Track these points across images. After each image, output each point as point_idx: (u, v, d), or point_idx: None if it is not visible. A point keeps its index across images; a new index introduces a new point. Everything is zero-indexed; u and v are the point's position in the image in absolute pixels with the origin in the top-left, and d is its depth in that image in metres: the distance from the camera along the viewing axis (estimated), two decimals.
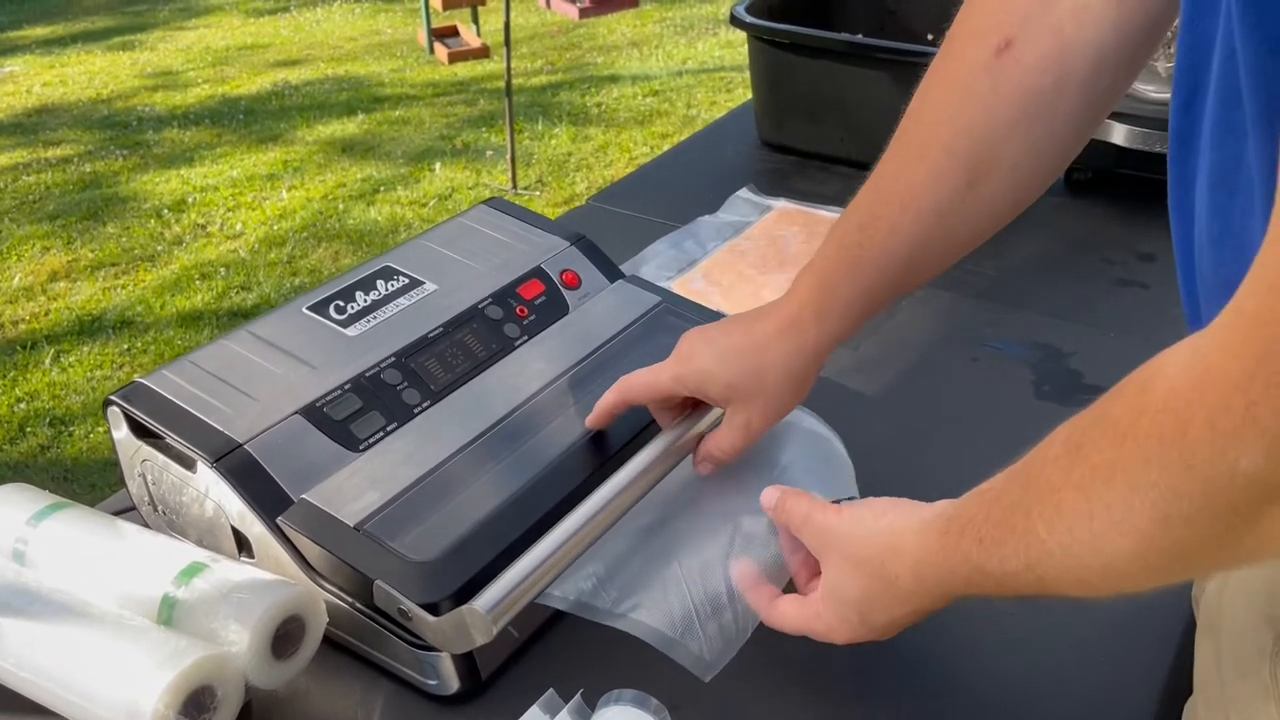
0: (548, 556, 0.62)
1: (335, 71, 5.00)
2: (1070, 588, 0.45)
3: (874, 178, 0.65)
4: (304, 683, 0.65)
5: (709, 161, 1.40)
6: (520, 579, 0.61)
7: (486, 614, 0.59)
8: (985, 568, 0.49)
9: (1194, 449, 0.36)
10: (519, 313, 0.84)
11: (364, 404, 0.73)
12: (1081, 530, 0.41)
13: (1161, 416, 0.38)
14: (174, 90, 4.82)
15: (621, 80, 4.71)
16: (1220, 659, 0.55)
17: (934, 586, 0.54)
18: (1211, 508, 0.37)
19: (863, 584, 0.58)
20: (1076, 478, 0.42)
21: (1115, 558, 0.41)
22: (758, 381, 0.67)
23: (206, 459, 0.68)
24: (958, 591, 0.53)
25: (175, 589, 0.64)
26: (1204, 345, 0.36)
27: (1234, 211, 0.44)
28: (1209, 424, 0.35)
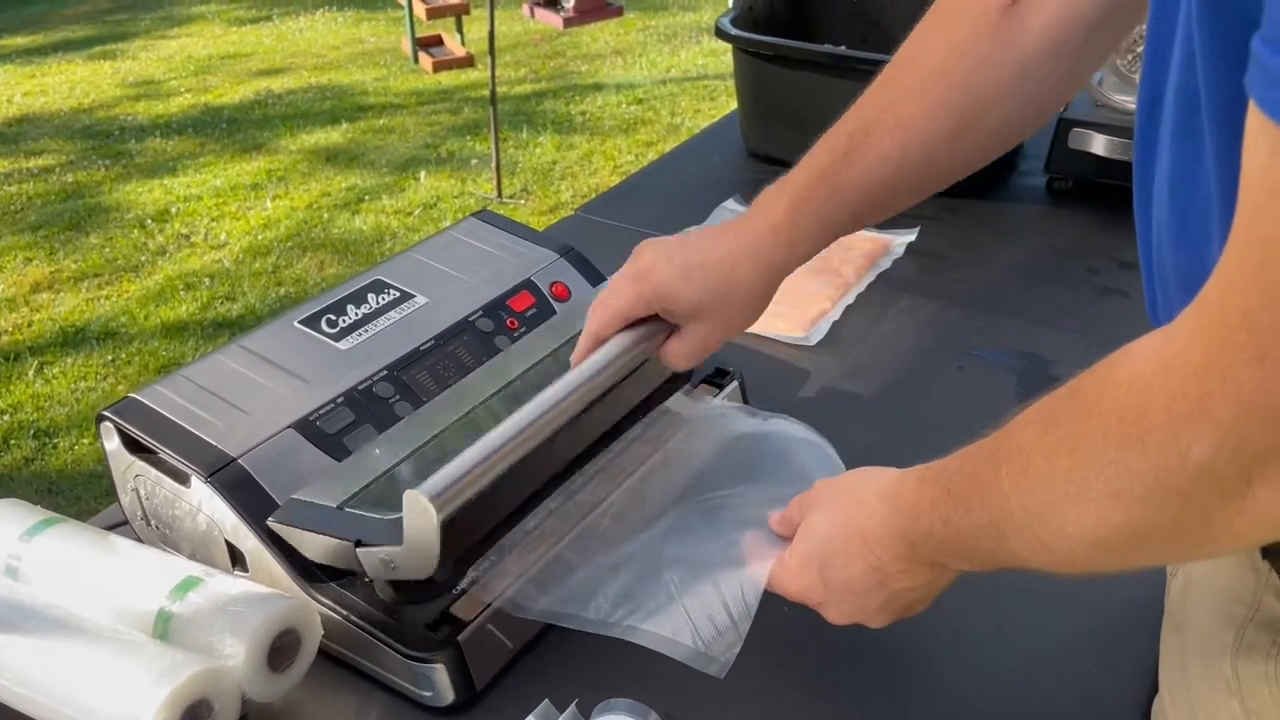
0: (493, 450, 0.61)
1: (319, 80, 4.99)
2: (1030, 551, 0.46)
3: (859, 108, 0.66)
4: (299, 695, 0.66)
5: (695, 172, 1.41)
6: (463, 469, 0.59)
7: (430, 498, 0.57)
8: (951, 518, 0.50)
9: (1150, 431, 0.37)
10: (509, 325, 0.85)
11: (356, 417, 0.74)
12: (1043, 494, 0.43)
13: (1124, 396, 0.39)
14: (156, 99, 4.80)
15: (605, 88, 4.73)
16: (1185, 656, 0.56)
17: (898, 534, 0.54)
18: (1161, 492, 0.38)
19: (834, 519, 0.59)
20: (1045, 445, 0.43)
21: (1070, 525, 0.42)
22: (724, 300, 0.66)
23: (200, 473, 0.68)
24: (919, 546, 0.53)
25: (170, 603, 0.64)
26: (1174, 331, 0.38)
27: (1193, 212, 0.45)
28: (1166, 408, 0.37)
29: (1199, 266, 0.42)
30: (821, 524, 0.60)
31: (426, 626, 0.65)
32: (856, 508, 0.57)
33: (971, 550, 0.50)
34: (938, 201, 1.25)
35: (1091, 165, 1.22)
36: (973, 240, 1.21)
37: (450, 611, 0.66)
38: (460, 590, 0.67)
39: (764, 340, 1.02)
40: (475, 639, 0.65)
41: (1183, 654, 0.57)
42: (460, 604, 0.66)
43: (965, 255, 1.18)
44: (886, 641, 0.70)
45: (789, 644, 0.70)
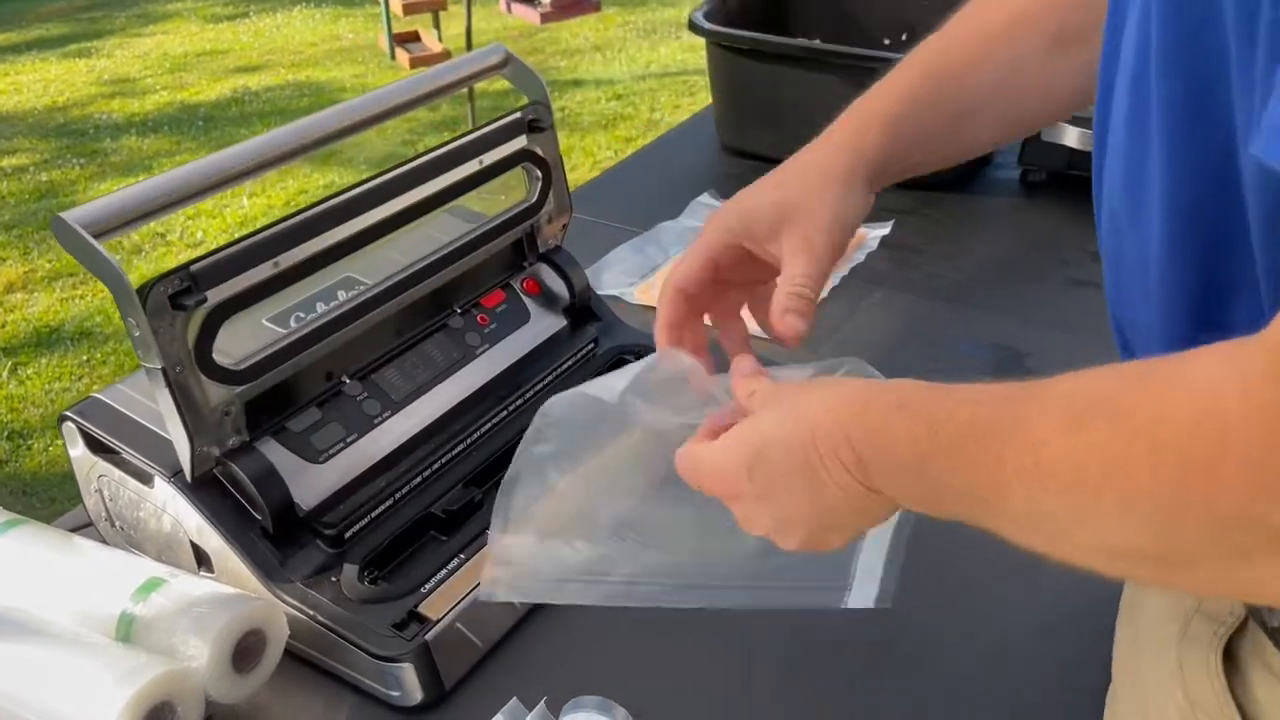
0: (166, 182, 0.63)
1: (295, 77, 4.96)
2: (1018, 534, 0.41)
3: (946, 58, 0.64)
4: (266, 697, 0.65)
5: (671, 167, 1.41)
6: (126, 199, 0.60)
7: (76, 222, 0.58)
8: (928, 467, 0.43)
9: (1220, 489, 0.33)
10: (480, 321, 0.84)
11: (324, 416, 0.73)
12: (1062, 498, 0.38)
13: (1189, 440, 0.33)
14: (131, 97, 4.76)
15: (584, 84, 4.71)
16: (1137, 644, 0.56)
17: (851, 440, 0.45)
18: (1220, 549, 0.34)
19: (785, 413, 0.49)
20: (1072, 446, 0.37)
21: (1088, 538, 0.38)
22: (807, 191, 0.60)
23: (164, 473, 0.67)
24: (871, 466, 0.45)
25: (133, 605, 0.64)
26: (1252, 371, 0.32)
27: (1143, 200, 0.45)
28: (1244, 467, 0.32)
29: (1145, 255, 0.42)
30: (769, 418, 0.50)
31: (394, 626, 0.64)
32: (815, 403, 0.48)
33: (937, 502, 0.44)
34: (911, 194, 1.26)
35: (1064, 157, 1.23)
36: (946, 233, 1.21)
37: (418, 610, 0.65)
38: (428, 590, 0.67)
39: None
40: (443, 638, 0.65)
41: (1135, 642, 0.56)
42: (428, 603, 0.66)
43: (939, 248, 1.18)
44: (853, 635, 0.70)
45: (757, 637, 0.69)
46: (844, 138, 0.63)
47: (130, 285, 0.60)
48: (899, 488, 0.46)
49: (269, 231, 0.67)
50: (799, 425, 0.48)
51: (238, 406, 0.67)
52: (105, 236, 0.60)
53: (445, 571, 0.68)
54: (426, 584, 0.67)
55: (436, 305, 0.83)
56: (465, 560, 0.69)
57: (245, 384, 0.67)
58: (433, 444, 0.76)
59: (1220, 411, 0.33)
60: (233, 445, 0.67)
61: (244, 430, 0.68)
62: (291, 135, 0.71)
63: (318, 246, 0.69)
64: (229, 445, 0.67)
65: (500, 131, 0.82)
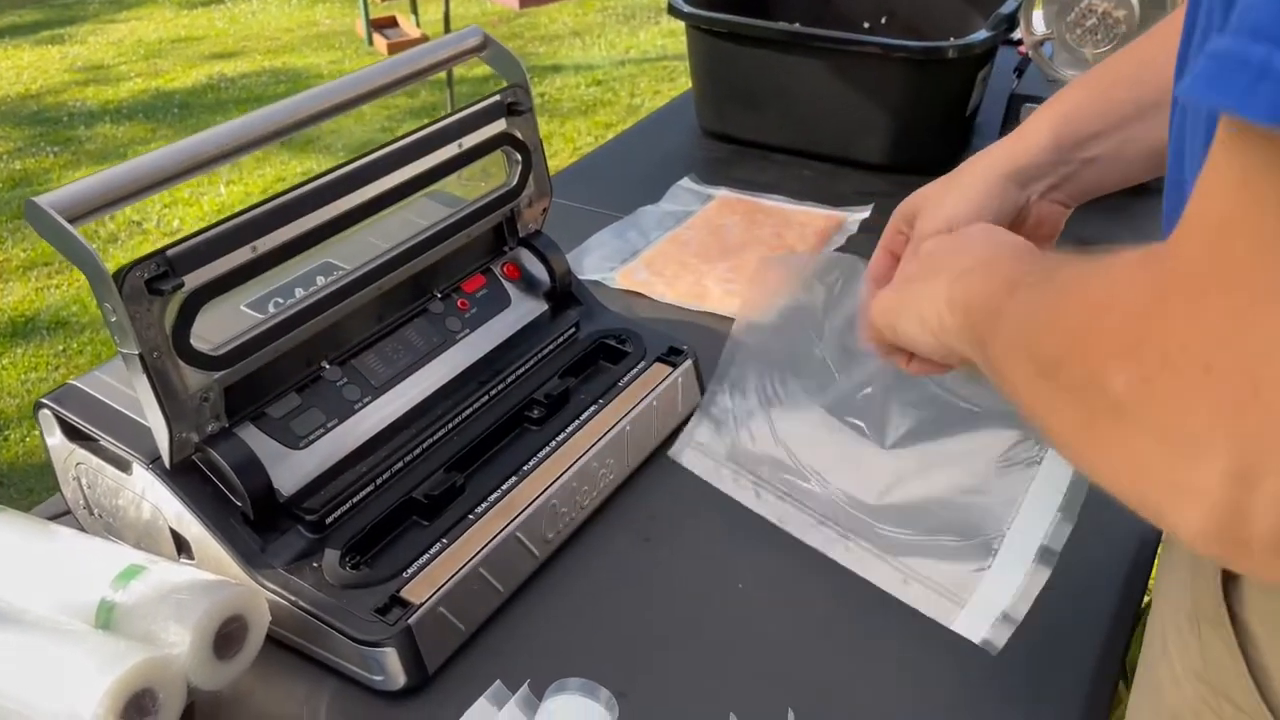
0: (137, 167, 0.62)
1: (272, 64, 4.92)
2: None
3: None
4: (248, 683, 0.65)
5: (650, 151, 1.41)
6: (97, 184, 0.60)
7: (51, 206, 0.57)
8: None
9: (1090, 351, 0.38)
10: (460, 306, 0.84)
11: (303, 401, 0.73)
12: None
13: (1087, 307, 0.40)
14: (105, 85, 4.71)
15: (564, 70, 4.69)
16: (1164, 623, 0.57)
17: (985, 255, 0.54)
18: (1076, 410, 0.39)
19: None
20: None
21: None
22: (958, 186, 0.66)
23: (142, 460, 0.67)
24: (980, 278, 0.52)
25: (113, 592, 0.63)
26: (1155, 274, 0.37)
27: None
28: (1108, 335, 0.37)
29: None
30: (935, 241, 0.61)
31: (376, 610, 0.64)
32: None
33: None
34: (890, 178, 1.26)
35: None
36: None
37: (400, 595, 0.65)
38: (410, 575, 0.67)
39: (717, 318, 1.02)
40: (426, 622, 0.65)
41: (1162, 623, 0.57)
42: (411, 587, 0.66)
43: None
44: (835, 620, 0.70)
45: (738, 622, 0.70)
46: (1013, 135, 0.66)
47: (106, 270, 0.59)
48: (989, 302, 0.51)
49: (247, 215, 0.66)
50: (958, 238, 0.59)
51: (216, 392, 0.66)
52: (80, 221, 0.59)
53: (427, 556, 0.68)
54: (409, 569, 0.67)
55: (416, 290, 0.82)
56: (447, 545, 0.69)
57: (224, 369, 0.66)
58: (414, 429, 0.76)
59: (1115, 295, 0.38)
60: (212, 431, 0.67)
61: (223, 416, 0.68)
62: (268, 118, 0.70)
63: (296, 231, 0.69)
64: (208, 431, 0.67)
65: (479, 115, 0.82)
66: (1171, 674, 0.51)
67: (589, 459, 0.77)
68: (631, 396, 0.83)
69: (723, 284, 1.05)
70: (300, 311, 0.71)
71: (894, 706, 0.64)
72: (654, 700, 0.64)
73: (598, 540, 0.76)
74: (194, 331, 0.64)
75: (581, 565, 0.74)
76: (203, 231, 0.64)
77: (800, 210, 1.19)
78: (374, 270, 0.77)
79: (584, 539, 0.76)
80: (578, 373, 0.85)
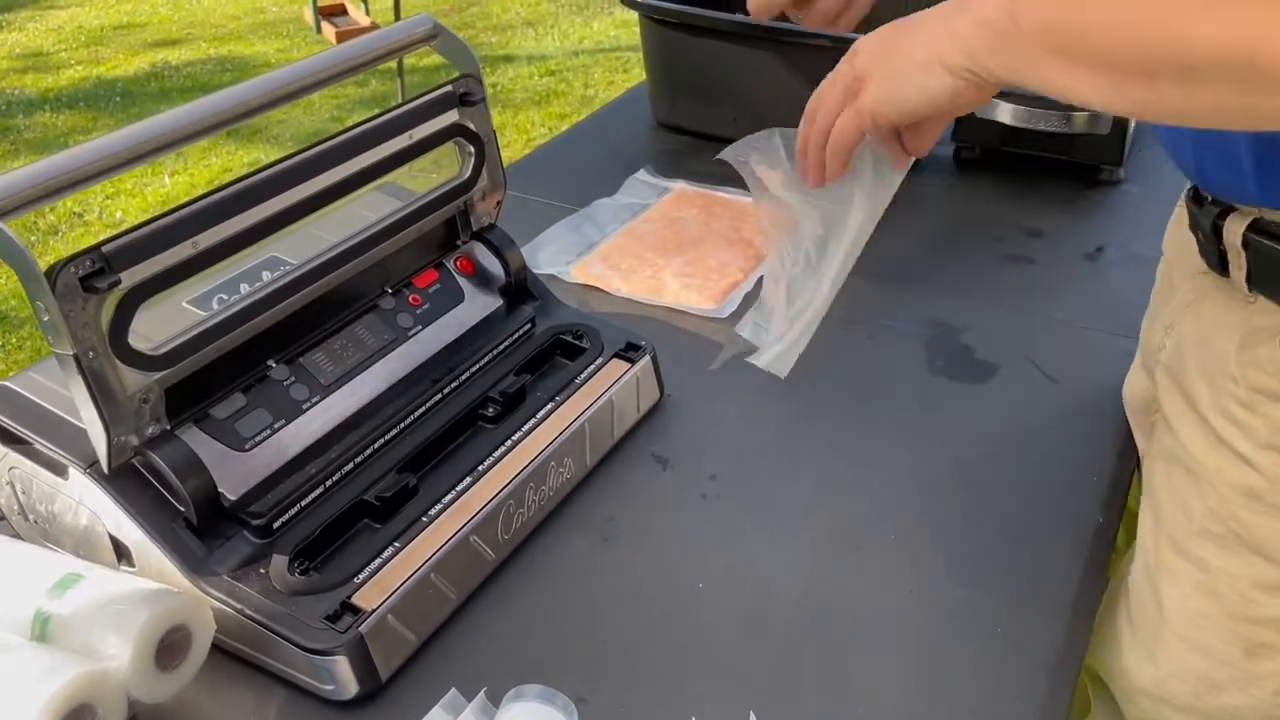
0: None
1: (218, 51, 4.82)
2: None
3: None
4: (193, 694, 0.62)
5: (605, 143, 1.39)
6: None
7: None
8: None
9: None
10: (412, 302, 0.82)
11: (248, 401, 0.70)
12: None
13: None
14: (45, 72, 4.59)
15: (517, 60, 4.66)
16: (1190, 399, 0.70)
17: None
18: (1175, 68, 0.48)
19: None
20: None
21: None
22: None
23: (79, 465, 0.64)
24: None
25: (49, 602, 0.61)
26: None
27: None
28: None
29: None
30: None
31: (326, 618, 0.62)
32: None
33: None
34: None
35: (997, 134, 1.23)
36: None
37: (351, 601, 0.63)
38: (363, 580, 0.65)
39: (675, 313, 1.01)
40: (378, 630, 0.63)
41: (1181, 397, 0.71)
42: (362, 593, 0.64)
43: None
44: (795, 621, 0.69)
45: (698, 624, 0.69)
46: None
47: (37, 267, 0.56)
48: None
49: (187, 209, 0.64)
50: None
51: (157, 393, 0.64)
52: (9, 215, 0.57)
53: (379, 561, 0.66)
54: (360, 574, 0.65)
55: (366, 286, 0.80)
56: (400, 548, 0.67)
57: (164, 370, 0.64)
58: (365, 429, 0.74)
59: None
60: (152, 434, 0.65)
61: (164, 418, 0.65)
62: (213, 107, 0.68)
63: (240, 225, 0.67)
64: (148, 434, 0.64)
65: (430, 105, 0.80)
66: (1232, 458, 0.65)
67: (545, 458, 0.75)
68: (589, 394, 0.81)
69: (680, 278, 1.04)
70: (245, 308, 0.69)
71: (855, 706, 0.63)
72: (614, 705, 0.63)
73: (555, 542, 0.75)
74: (133, 330, 0.62)
75: (539, 567, 0.73)
76: (141, 226, 0.61)
77: None
78: (322, 265, 0.74)
79: (541, 540, 0.75)
80: (533, 369, 0.84)
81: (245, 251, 0.68)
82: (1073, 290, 1.05)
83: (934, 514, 0.78)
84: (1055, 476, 0.81)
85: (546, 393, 0.81)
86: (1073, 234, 1.16)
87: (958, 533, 0.76)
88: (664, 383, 0.88)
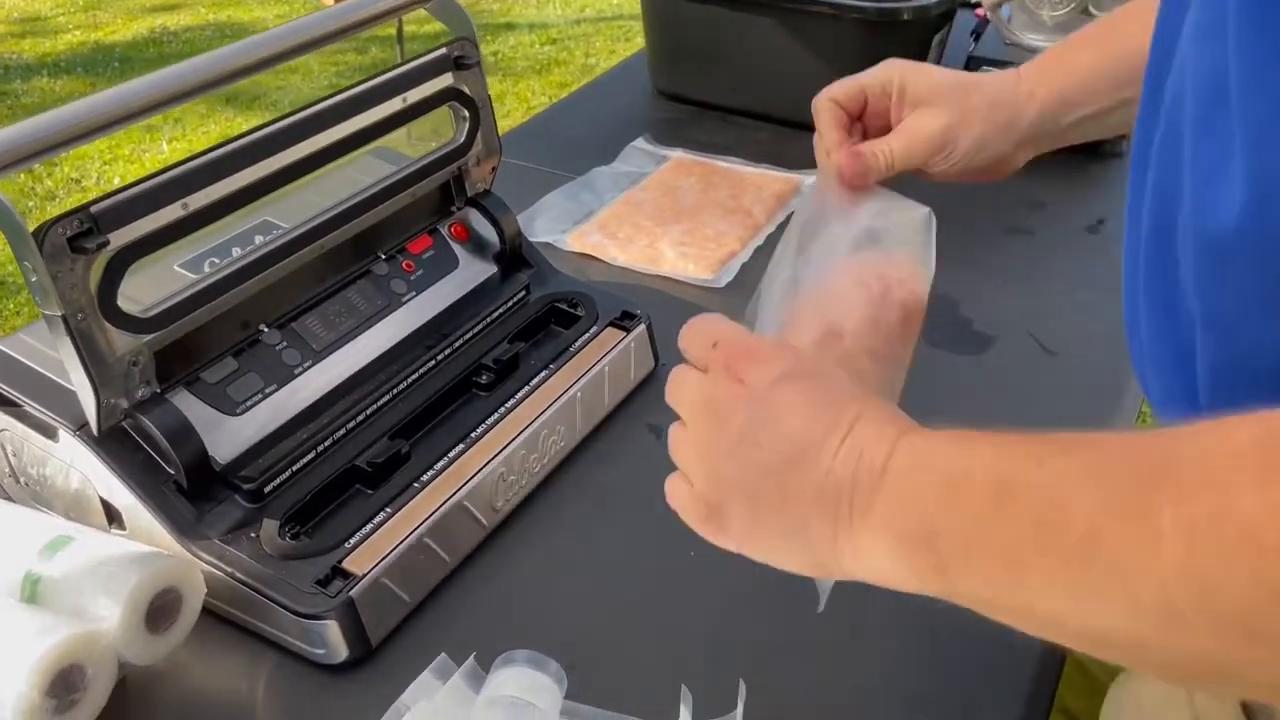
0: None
1: (217, 17, 4.78)
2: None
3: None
4: (183, 657, 0.62)
5: (603, 111, 1.38)
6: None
7: None
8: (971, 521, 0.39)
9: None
10: (406, 268, 0.81)
11: (240, 366, 0.70)
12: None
13: None
14: (42, 37, 4.55)
15: (518, 28, 4.61)
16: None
17: (858, 442, 0.42)
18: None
19: (829, 367, 0.47)
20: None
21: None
22: (961, 93, 0.62)
23: (69, 427, 0.64)
24: (862, 488, 0.42)
25: (39, 564, 0.60)
26: None
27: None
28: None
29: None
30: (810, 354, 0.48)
31: (317, 582, 0.62)
32: (846, 386, 0.45)
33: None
34: None
35: None
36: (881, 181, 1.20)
37: (342, 566, 0.63)
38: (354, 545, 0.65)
39: (671, 282, 1.00)
40: (369, 594, 0.63)
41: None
42: (353, 558, 0.64)
43: None
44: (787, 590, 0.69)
45: (690, 592, 0.69)
46: (1019, 80, 0.63)
47: (25, 227, 0.56)
48: (889, 508, 0.41)
49: (177, 170, 0.63)
50: (825, 394, 0.45)
51: (146, 356, 0.64)
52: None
53: (371, 526, 0.66)
54: (351, 539, 0.65)
55: (360, 250, 0.80)
56: (392, 514, 0.67)
57: (154, 332, 0.63)
58: (357, 395, 0.74)
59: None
60: (142, 397, 0.64)
61: (154, 381, 0.65)
62: (207, 65, 0.67)
63: (232, 187, 0.66)
64: (138, 397, 0.64)
65: (425, 68, 0.79)
66: None
67: (539, 426, 0.75)
68: (583, 362, 0.81)
69: (677, 247, 1.03)
70: (236, 272, 0.69)
71: (845, 676, 0.63)
72: (604, 672, 0.63)
73: (547, 509, 0.75)
74: (122, 292, 0.61)
75: (531, 535, 0.73)
76: (130, 186, 0.61)
77: (756, 173, 1.17)
78: (315, 229, 0.74)
79: (533, 508, 0.75)
80: (528, 337, 0.83)
81: (237, 215, 0.68)
82: (1073, 263, 1.04)
83: None
84: None
85: (540, 361, 0.80)
86: (1074, 206, 1.15)
87: None
88: (659, 352, 0.87)
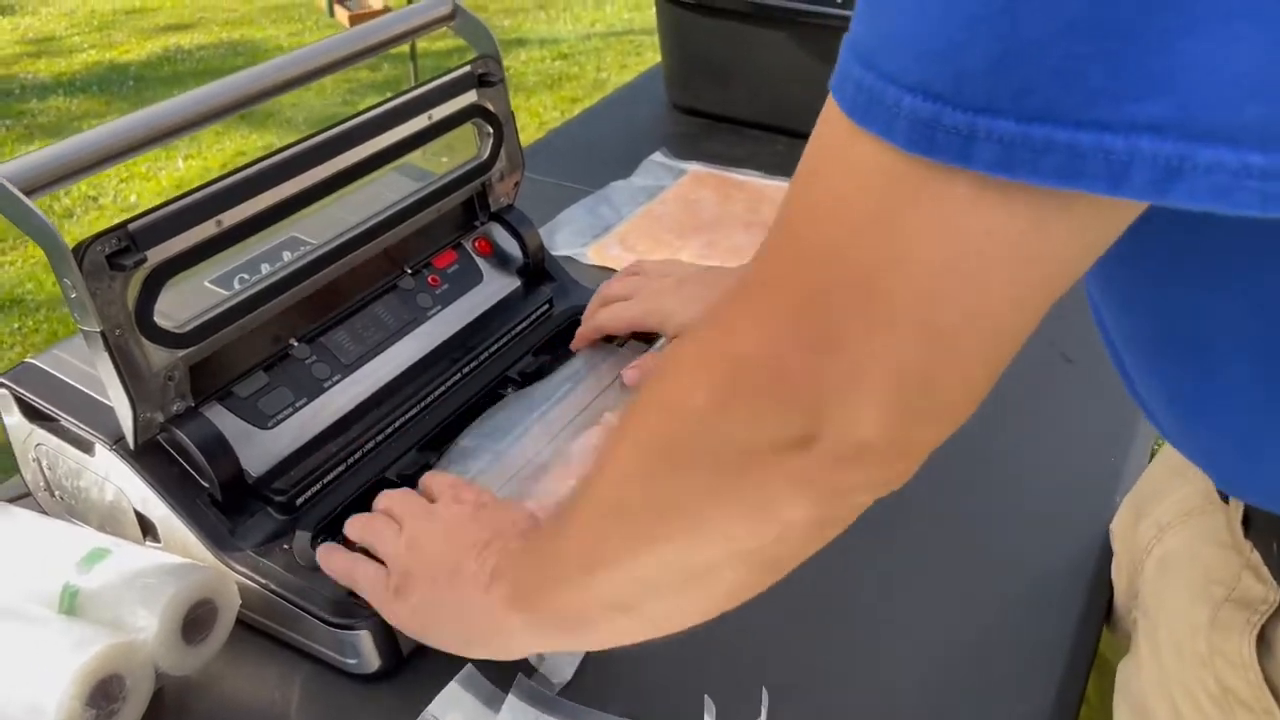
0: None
1: (230, 36, 4.82)
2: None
3: None
4: (218, 667, 0.63)
5: (620, 125, 1.39)
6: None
7: (6, 178, 0.56)
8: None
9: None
10: (431, 282, 0.82)
11: (271, 380, 0.71)
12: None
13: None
14: (58, 57, 4.60)
15: (529, 43, 4.65)
16: (1156, 639, 0.57)
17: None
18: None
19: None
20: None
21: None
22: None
23: (105, 441, 0.65)
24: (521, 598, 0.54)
25: (77, 577, 0.61)
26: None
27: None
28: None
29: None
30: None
31: (349, 593, 0.63)
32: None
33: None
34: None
35: None
36: None
37: None
38: None
39: None
40: None
41: (1154, 635, 0.58)
42: None
43: None
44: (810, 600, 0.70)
45: None
46: None
47: (65, 244, 0.57)
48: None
49: (211, 189, 0.64)
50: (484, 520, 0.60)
51: (181, 371, 0.65)
52: (37, 193, 0.57)
53: None
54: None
55: (386, 266, 0.81)
56: None
57: (189, 347, 0.65)
58: (385, 408, 0.75)
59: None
60: (177, 411, 0.65)
61: (188, 395, 0.66)
62: (228, 90, 0.68)
63: (262, 204, 0.67)
64: (173, 411, 0.65)
65: (450, 86, 0.80)
66: None
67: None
68: (607, 374, 0.81)
69: (698, 259, 1.04)
70: (267, 288, 0.70)
71: (866, 687, 0.64)
72: (626, 681, 0.63)
73: None
74: (157, 308, 0.62)
75: None
76: (166, 205, 0.62)
77: (774, 185, 1.18)
78: (342, 245, 0.75)
79: None
80: (552, 350, 0.84)
81: (266, 232, 0.69)
82: None
83: (947, 493, 0.78)
84: (1072, 459, 0.81)
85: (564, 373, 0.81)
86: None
87: (970, 514, 0.76)
88: None
